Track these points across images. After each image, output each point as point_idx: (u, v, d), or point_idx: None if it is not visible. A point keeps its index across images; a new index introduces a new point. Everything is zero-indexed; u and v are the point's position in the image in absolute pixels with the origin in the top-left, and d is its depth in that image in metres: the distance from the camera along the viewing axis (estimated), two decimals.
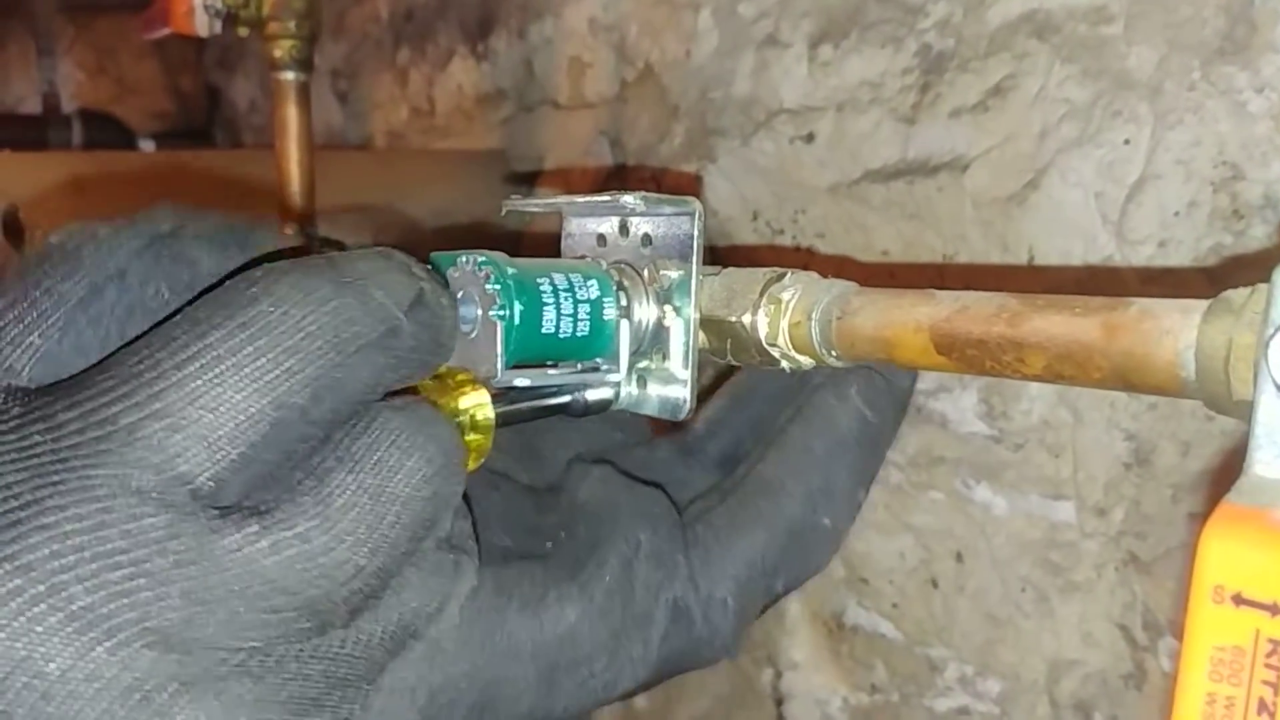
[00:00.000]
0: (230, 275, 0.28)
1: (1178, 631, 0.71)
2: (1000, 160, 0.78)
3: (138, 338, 0.26)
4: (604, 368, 0.39)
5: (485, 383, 0.35)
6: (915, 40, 0.84)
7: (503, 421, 0.36)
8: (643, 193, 0.38)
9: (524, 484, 0.39)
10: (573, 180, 1.25)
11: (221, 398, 0.23)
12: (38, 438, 0.23)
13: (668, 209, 0.38)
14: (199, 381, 0.23)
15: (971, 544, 0.84)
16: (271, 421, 0.24)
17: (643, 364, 0.39)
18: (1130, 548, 0.73)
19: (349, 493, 0.25)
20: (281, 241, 0.32)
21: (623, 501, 0.36)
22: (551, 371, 0.38)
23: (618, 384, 0.39)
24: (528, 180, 1.32)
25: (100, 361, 0.26)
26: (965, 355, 0.32)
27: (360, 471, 0.25)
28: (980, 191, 0.80)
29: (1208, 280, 0.67)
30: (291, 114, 0.80)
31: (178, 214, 0.30)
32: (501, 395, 0.36)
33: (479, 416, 0.35)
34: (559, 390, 0.38)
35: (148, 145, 2.55)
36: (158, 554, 0.22)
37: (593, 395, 0.38)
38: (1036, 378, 0.30)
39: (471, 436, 0.35)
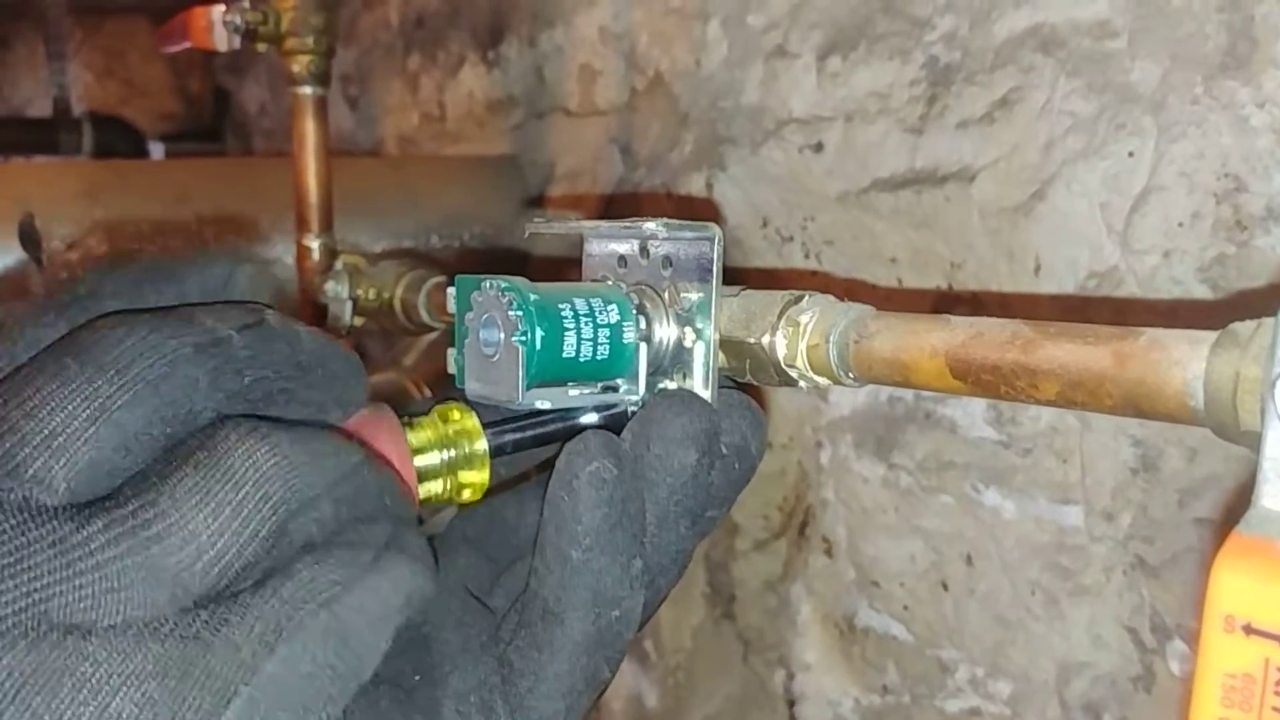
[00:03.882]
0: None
1: (1186, 635, 0.72)
2: (1007, 171, 0.80)
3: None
4: (623, 388, 0.40)
5: (495, 418, 0.36)
6: (922, 53, 0.85)
7: (514, 448, 0.38)
8: (664, 219, 0.39)
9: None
10: (586, 203, 1.26)
11: (54, 411, 0.26)
12: None
13: (688, 234, 0.39)
14: (34, 401, 0.27)
15: (981, 547, 0.86)
16: (103, 423, 0.26)
17: (663, 383, 0.40)
18: (1138, 552, 0.75)
19: (191, 481, 0.27)
20: (201, 289, 0.33)
21: (451, 638, 0.36)
22: (571, 393, 0.39)
23: (636, 404, 0.40)
24: (538, 203, 1.34)
25: None
26: (980, 380, 0.33)
27: (204, 464, 0.27)
28: (987, 201, 0.81)
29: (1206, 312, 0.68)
30: (309, 127, 0.81)
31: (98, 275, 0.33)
32: (506, 423, 0.38)
33: (473, 448, 0.36)
34: (571, 416, 0.39)
35: (156, 148, 2.57)
36: (12, 552, 0.25)
37: (609, 416, 0.40)
38: (1049, 403, 0.31)
39: (466, 467, 0.36)
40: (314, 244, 0.84)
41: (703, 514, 0.38)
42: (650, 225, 0.39)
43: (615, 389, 0.41)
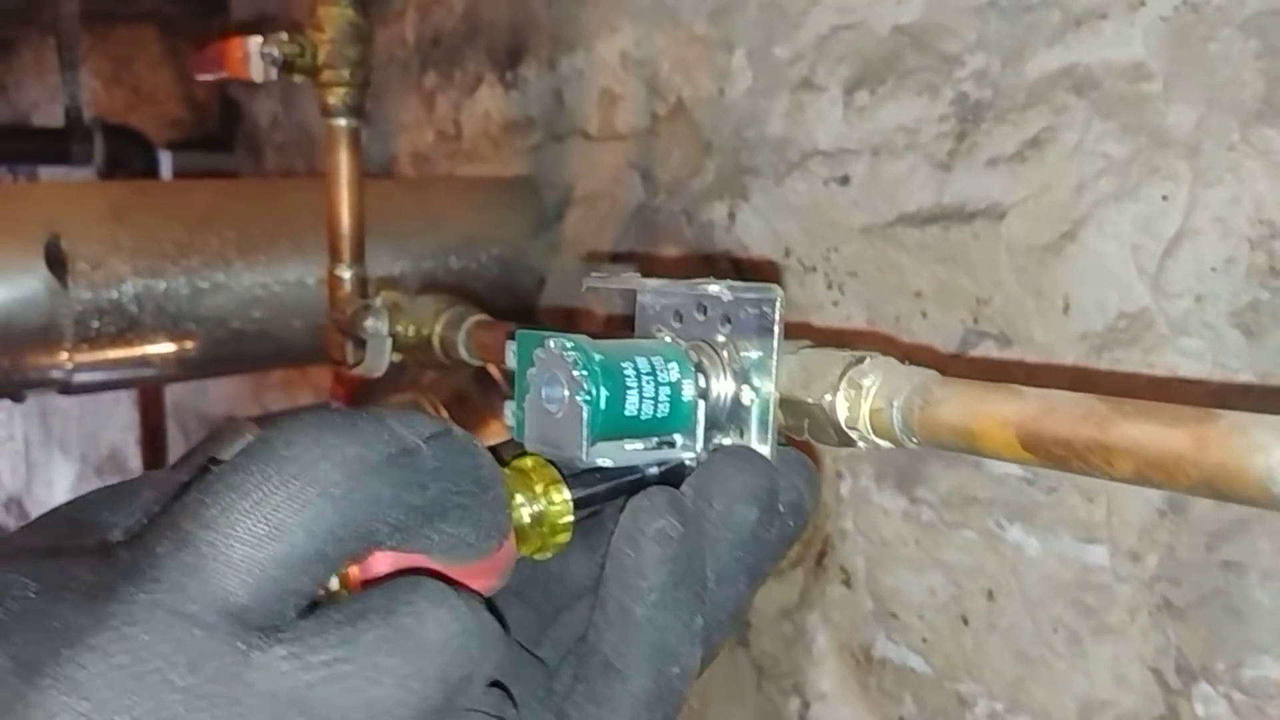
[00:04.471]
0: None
1: (1212, 677, 0.72)
2: (1037, 210, 0.80)
3: (181, 492, 0.29)
4: (680, 444, 0.40)
5: (562, 472, 0.37)
6: (952, 89, 0.86)
7: (580, 505, 0.38)
8: (728, 281, 0.39)
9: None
10: (607, 225, 1.27)
11: (236, 523, 0.26)
12: (101, 574, 0.26)
13: (751, 295, 0.40)
14: (217, 511, 0.26)
15: (1004, 583, 0.86)
16: (283, 540, 0.26)
17: (718, 439, 0.41)
18: (1164, 593, 0.75)
19: (378, 631, 0.26)
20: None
21: (509, 692, 0.36)
22: (628, 448, 0.39)
23: (693, 459, 0.40)
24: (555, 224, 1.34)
25: (155, 515, 0.29)
26: (1052, 454, 0.33)
27: (393, 616, 0.26)
28: (1016, 239, 0.81)
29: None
30: (343, 159, 0.81)
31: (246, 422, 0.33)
32: (577, 479, 0.38)
33: (557, 501, 0.36)
34: (634, 470, 0.39)
35: (165, 157, 2.57)
36: (191, 670, 0.24)
37: (666, 470, 0.40)
38: (1123, 480, 0.31)
39: (551, 522, 0.36)
40: (346, 274, 0.84)
41: (759, 569, 0.38)
42: (714, 288, 0.40)
43: (672, 444, 0.41)
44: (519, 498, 0.36)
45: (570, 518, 0.37)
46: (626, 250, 1.23)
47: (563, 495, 0.37)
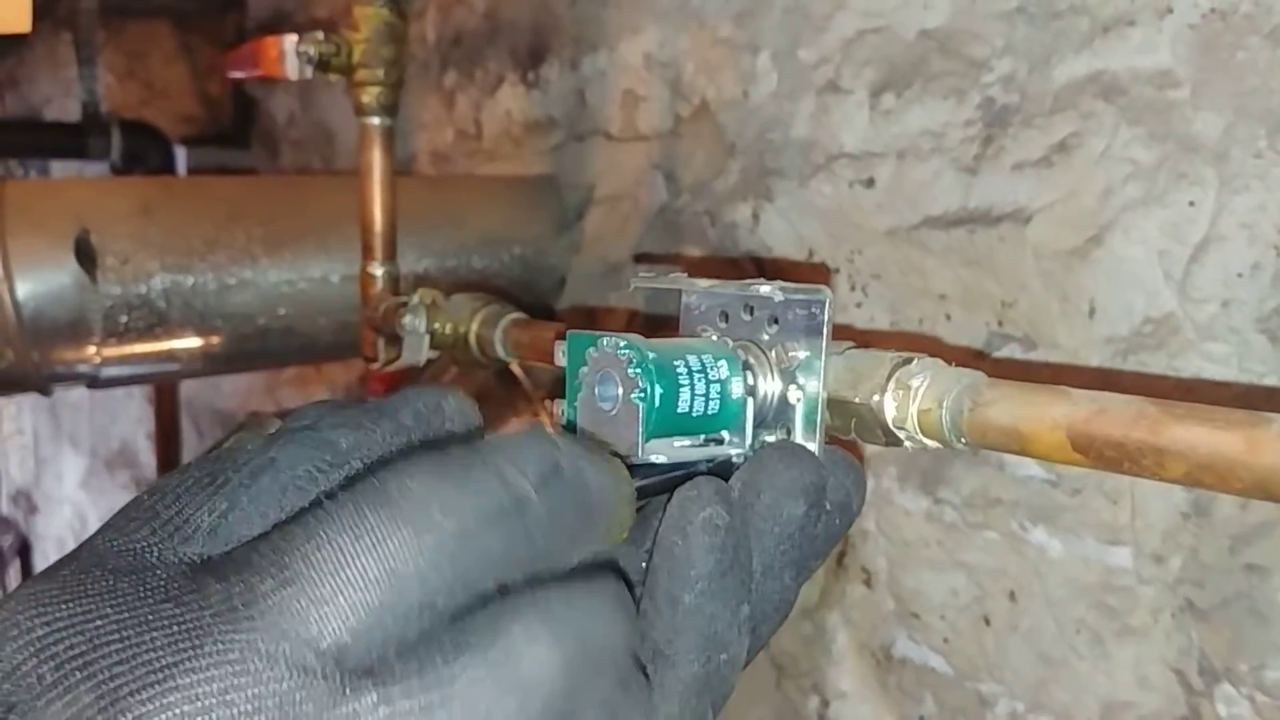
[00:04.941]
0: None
1: (1235, 679, 0.73)
2: (1064, 214, 0.81)
3: (284, 521, 0.28)
4: (729, 440, 0.41)
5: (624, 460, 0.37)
6: (979, 93, 0.87)
7: (648, 493, 0.39)
8: (779, 282, 0.40)
9: None
10: (630, 225, 1.27)
11: (343, 567, 0.25)
12: (189, 607, 0.25)
13: (800, 296, 0.40)
14: (325, 553, 0.25)
15: (1026, 584, 0.86)
16: (391, 589, 0.25)
17: (765, 437, 0.42)
18: (1188, 595, 0.75)
19: (474, 671, 0.25)
20: (415, 415, 0.33)
21: None
22: (679, 444, 0.40)
23: (741, 455, 0.41)
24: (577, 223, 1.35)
25: (251, 541, 0.28)
26: (1103, 455, 0.34)
27: (490, 652, 0.26)
28: (1043, 243, 0.82)
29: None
30: (376, 158, 0.82)
31: (317, 410, 0.32)
32: (634, 471, 0.39)
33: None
34: (686, 464, 0.40)
35: (181, 152, 2.58)
36: (281, 716, 0.24)
37: (715, 466, 0.41)
38: (1175, 481, 0.32)
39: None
40: (378, 272, 0.85)
41: (806, 564, 0.39)
42: (766, 288, 0.41)
43: (720, 441, 0.42)
44: None
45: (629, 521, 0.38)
46: (646, 251, 1.24)
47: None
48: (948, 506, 0.92)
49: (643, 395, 0.38)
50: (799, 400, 0.42)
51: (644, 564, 0.42)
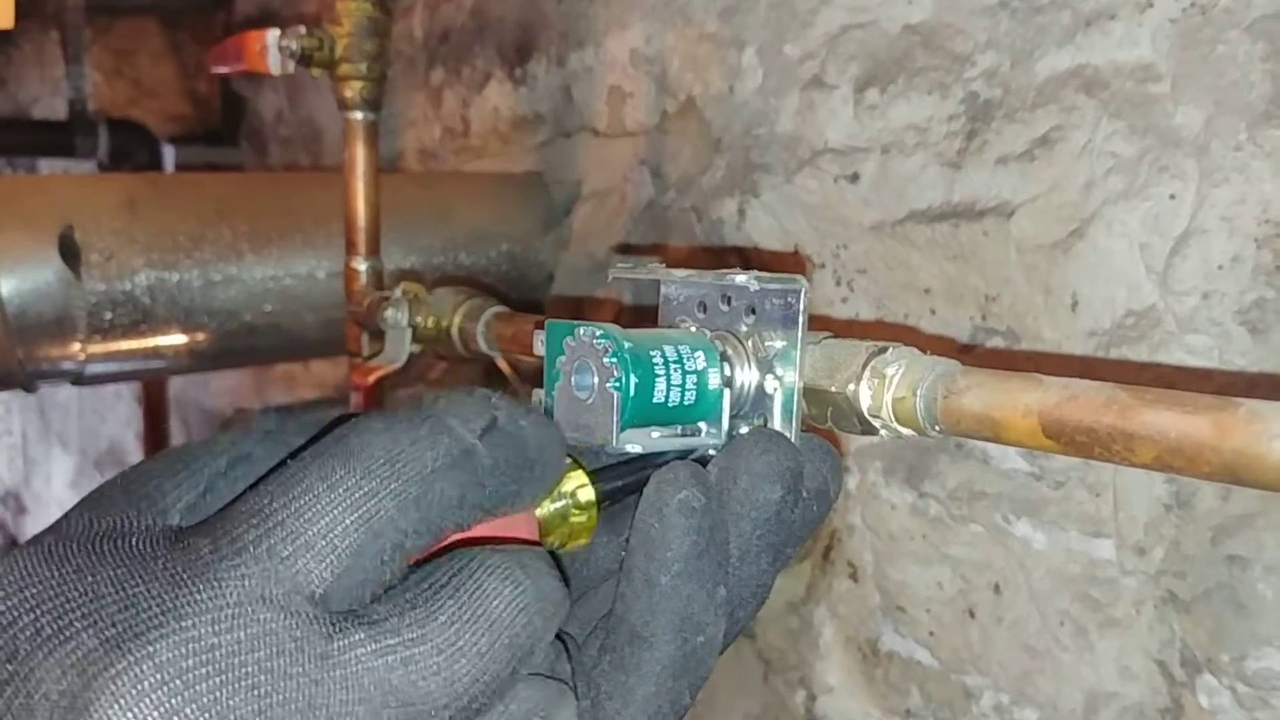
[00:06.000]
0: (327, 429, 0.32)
1: (1217, 669, 0.73)
2: (1046, 208, 0.81)
3: (258, 483, 0.30)
4: (705, 431, 0.41)
5: (584, 464, 0.37)
6: (962, 88, 0.87)
7: (608, 496, 0.39)
8: (755, 273, 0.40)
9: None
10: (616, 220, 1.27)
11: (322, 514, 0.27)
12: (179, 559, 0.27)
13: (776, 286, 0.41)
14: (303, 502, 0.28)
15: (1010, 577, 0.87)
16: (366, 531, 0.28)
17: (743, 428, 0.42)
18: (1170, 586, 0.76)
19: (450, 611, 0.28)
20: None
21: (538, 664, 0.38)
22: (656, 435, 0.40)
23: (717, 446, 0.41)
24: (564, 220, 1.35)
25: (228, 504, 0.30)
26: (1074, 441, 0.34)
27: (461, 594, 0.28)
28: (1025, 237, 0.82)
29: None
30: (360, 152, 0.82)
31: (280, 419, 0.35)
32: (604, 470, 0.39)
33: (582, 497, 0.37)
34: (661, 456, 0.40)
35: (169, 151, 2.58)
36: (278, 653, 0.26)
37: (692, 459, 0.41)
38: (1144, 466, 0.32)
39: (576, 516, 0.37)
40: (362, 267, 0.85)
41: (783, 550, 0.39)
42: (741, 278, 0.41)
43: (698, 432, 0.42)
44: (551, 499, 0.37)
45: (593, 521, 0.38)
46: (636, 244, 1.24)
47: (589, 497, 0.38)
48: (932, 500, 0.92)
49: (619, 384, 0.38)
50: (776, 390, 0.42)
51: (623, 553, 0.42)
